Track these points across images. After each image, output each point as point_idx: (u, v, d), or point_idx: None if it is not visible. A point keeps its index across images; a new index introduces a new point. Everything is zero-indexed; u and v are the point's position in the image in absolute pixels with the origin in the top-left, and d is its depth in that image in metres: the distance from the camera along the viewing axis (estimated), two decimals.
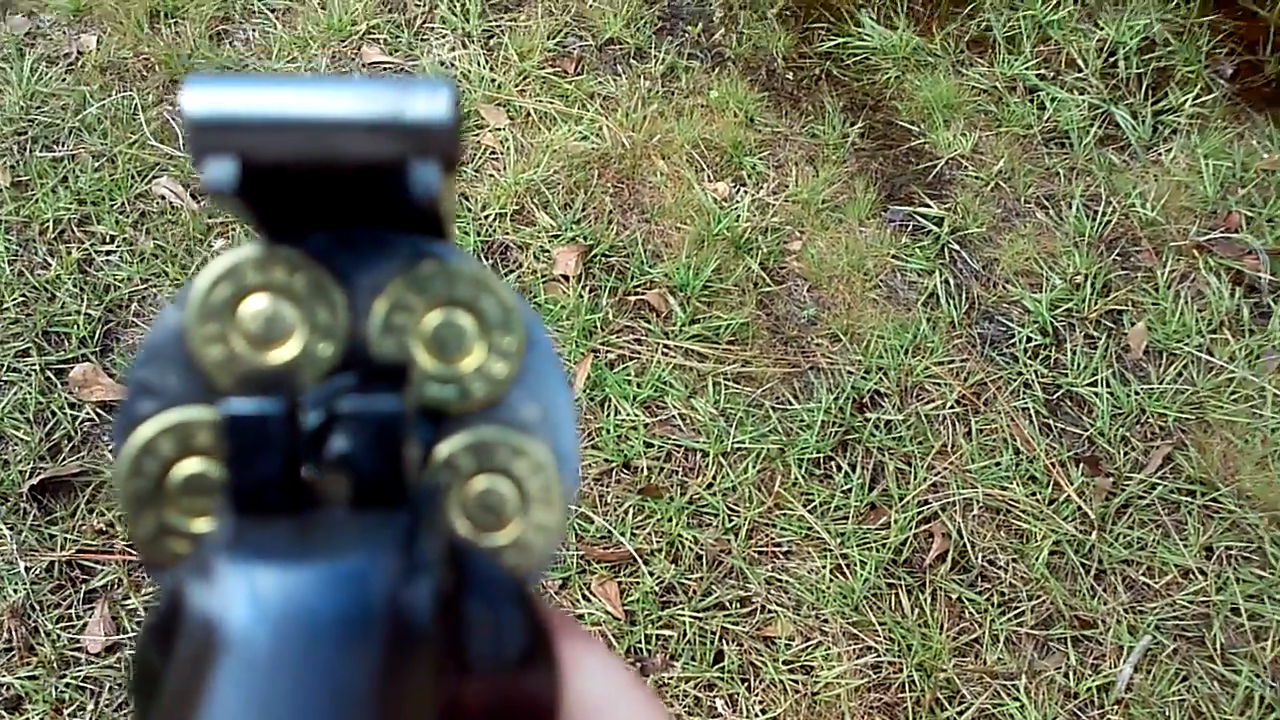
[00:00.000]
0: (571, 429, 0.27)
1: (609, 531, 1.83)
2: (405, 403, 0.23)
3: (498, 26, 2.49)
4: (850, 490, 1.90)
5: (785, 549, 1.85)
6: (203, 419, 0.25)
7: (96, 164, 2.21)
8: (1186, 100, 2.43)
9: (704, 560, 1.83)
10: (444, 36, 2.47)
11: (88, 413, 1.92)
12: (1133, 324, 2.11)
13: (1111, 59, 2.51)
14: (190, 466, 0.26)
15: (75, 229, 2.12)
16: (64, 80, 2.33)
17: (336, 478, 0.23)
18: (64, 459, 1.87)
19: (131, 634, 1.73)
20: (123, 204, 2.15)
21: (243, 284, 0.26)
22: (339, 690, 0.18)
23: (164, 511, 0.26)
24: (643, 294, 2.09)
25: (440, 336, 0.26)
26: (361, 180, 0.24)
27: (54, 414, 1.91)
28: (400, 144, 0.23)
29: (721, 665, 1.74)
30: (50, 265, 2.07)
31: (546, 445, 0.27)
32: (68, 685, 1.69)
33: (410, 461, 0.23)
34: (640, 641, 1.75)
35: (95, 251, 2.09)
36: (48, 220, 2.11)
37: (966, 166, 2.33)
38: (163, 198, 2.17)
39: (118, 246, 2.10)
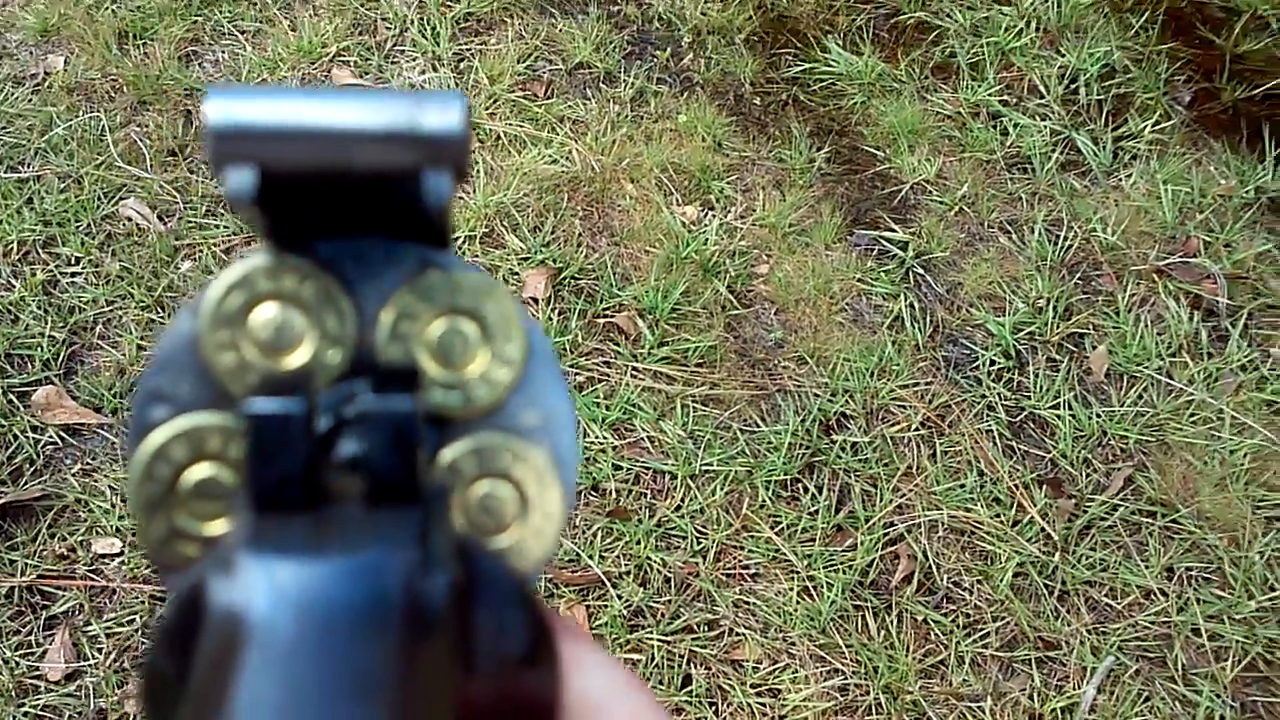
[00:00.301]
0: (571, 434, 0.28)
1: (577, 554, 1.83)
2: (418, 404, 0.24)
3: (468, 50, 2.50)
4: (817, 512, 1.91)
5: (753, 571, 1.86)
6: (215, 425, 0.26)
7: (62, 185, 2.19)
8: (1146, 126, 2.47)
9: (672, 583, 1.83)
10: (414, 59, 2.47)
11: (50, 436, 1.90)
12: (1094, 347, 2.13)
13: (1073, 85, 2.55)
14: (201, 471, 0.26)
15: (40, 250, 2.11)
16: (30, 100, 2.32)
17: (349, 478, 0.23)
18: (25, 483, 1.86)
19: (92, 661, 1.71)
20: (89, 225, 2.14)
21: (254, 292, 0.26)
22: (362, 673, 0.18)
23: (175, 515, 0.26)
24: (612, 317, 2.10)
25: (444, 344, 0.27)
26: (373, 189, 0.25)
27: (16, 437, 1.90)
28: (415, 154, 0.24)
29: (689, 689, 1.74)
30: (14, 287, 2.05)
31: (546, 451, 0.28)
32: (26, 714, 1.67)
33: (423, 460, 0.24)
34: None
35: (60, 273, 2.08)
36: (12, 241, 2.10)
37: (931, 191, 2.36)
38: (129, 219, 2.16)
39: (83, 268, 2.09)
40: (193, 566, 0.25)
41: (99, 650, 1.73)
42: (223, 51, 2.45)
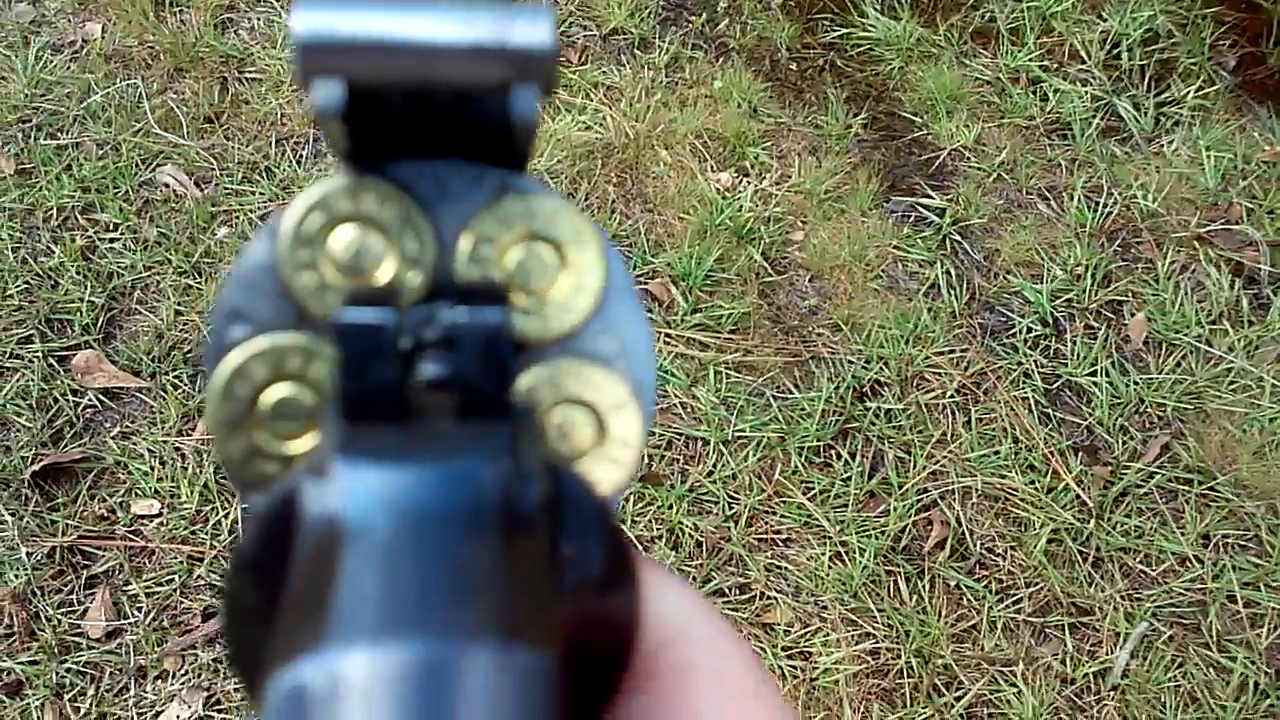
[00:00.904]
0: (650, 363, 0.28)
1: None
2: (507, 317, 0.24)
3: None
4: (850, 478, 1.91)
5: (785, 536, 1.86)
6: (294, 344, 0.26)
7: (100, 152, 2.22)
8: (1189, 92, 2.43)
9: (704, 547, 1.83)
10: None
11: (90, 399, 1.93)
12: (1133, 315, 2.11)
13: (1115, 51, 2.51)
14: (281, 390, 0.26)
15: (79, 216, 2.13)
16: (69, 68, 2.34)
17: (436, 395, 0.24)
18: (66, 445, 1.88)
19: (131, 619, 1.74)
20: (126, 192, 2.16)
21: (333, 213, 0.26)
22: (459, 569, 0.19)
23: (254, 434, 0.26)
24: (645, 284, 2.10)
25: (523, 269, 0.27)
26: (457, 107, 0.25)
27: (56, 400, 1.92)
28: (504, 69, 0.24)
29: None
30: (54, 252, 2.08)
31: (624, 377, 0.27)
32: (68, 670, 1.70)
33: (513, 373, 0.24)
34: None
35: (99, 239, 2.10)
36: (51, 208, 2.12)
37: (969, 158, 2.34)
38: (166, 186, 2.18)
39: (121, 234, 2.11)
40: (275, 483, 0.25)
41: (138, 609, 1.75)
42: (259, 18, 2.46)
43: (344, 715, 0.16)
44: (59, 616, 1.74)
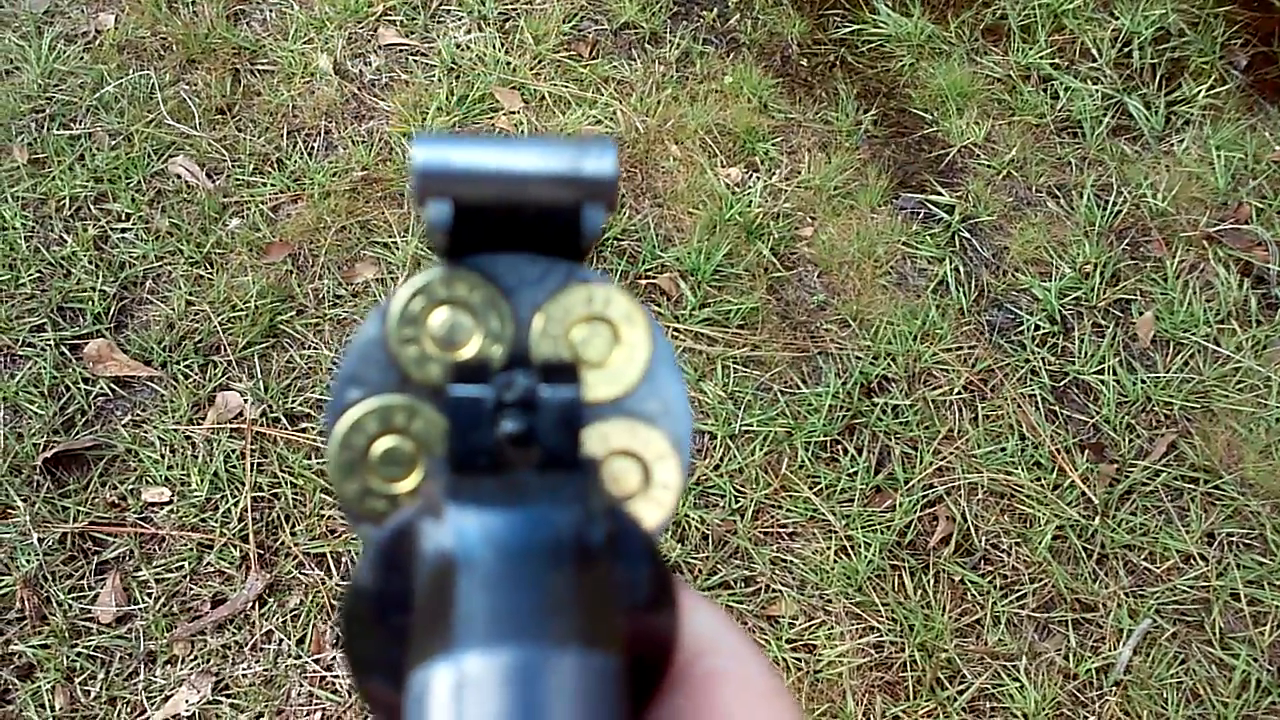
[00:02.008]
0: (687, 420, 0.34)
1: None
2: (580, 392, 0.30)
3: (514, 9, 2.50)
4: (856, 473, 1.91)
5: (790, 530, 1.87)
6: (399, 404, 0.32)
7: (113, 142, 2.23)
8: (1200, 91, 2.43)
9: (710, 540, 1.84)
10: (460, 19, 2.48)
11: (101, 388, 1.94)
12: (1141, 313, 2.11)
13: (1126, 49, 2.51)
14: (388, 442, 0.32)
15: (91, 206, 2.14)
16: (82, 59, 2.36)
17: (520, 450, 0.29)
18: (77, 433, 1.90)
19: (142, 605, 1.75)
20: (139, 182, 2.17)
21: (432, 298, 0.32)
22: (548, 591, 0.24)
23: (366, 477, 0.32)
24: (654, 278, 2.10)
25: (585, 344, 0.33)
26: (538, 217, 0.31)
27: (68, 388, 1.94)
28: (577, 192, 0.30)
29: None
30: (66, 242, 2.09)
31: (665, 433, 0.33)
32: (79, 654, 1.71)
33: (582, 437, 0.30)
34: None
35: (111, 229, 2.12)
36: (64, 197, 2.14)
37: (979, 155, 2.34)
38: (178, 176, 2.19)
39: (133, 224, 2.12)
40: (385, 518, 0.31)
41: (148, 595, 1.77)
42: (270, 10, 2.47)
43: (467, 701, 0.21)
44: (70, 601, 1.75)
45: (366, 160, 2.22)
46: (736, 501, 1.88)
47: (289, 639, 1.73)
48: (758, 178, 2.27)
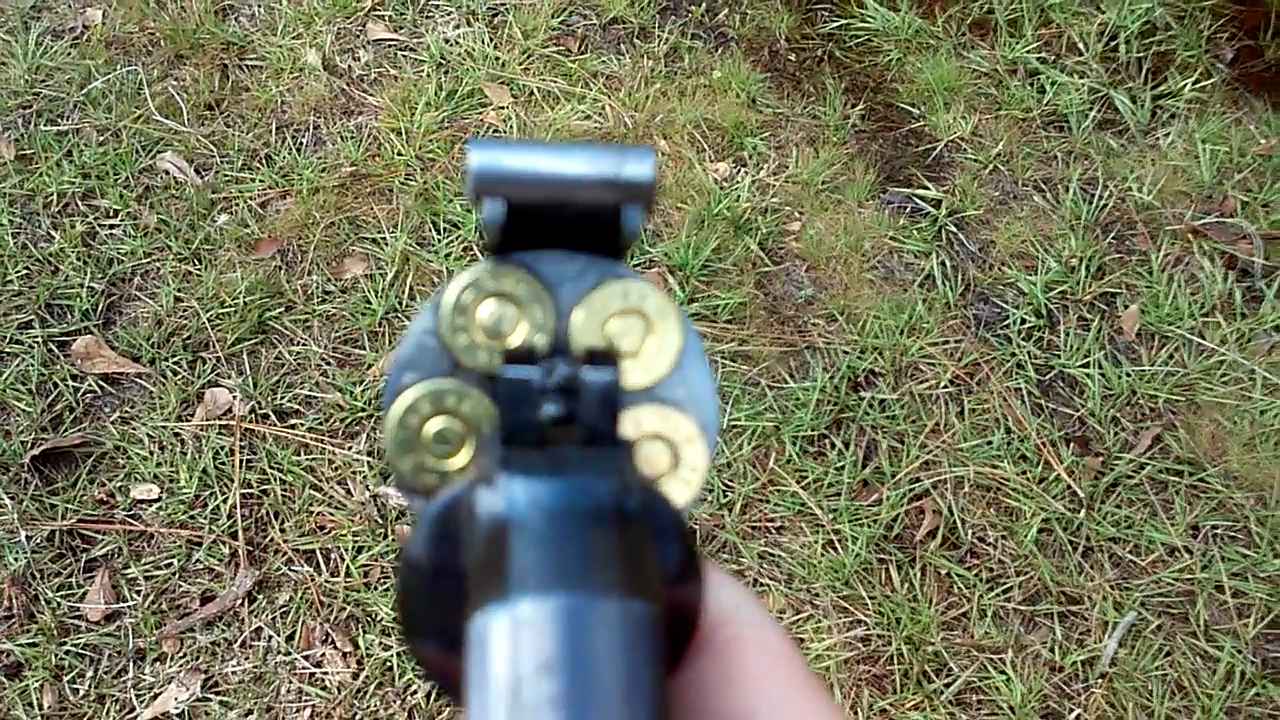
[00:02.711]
0: (713, 406, 0.36)
1: None
2: (618, 376, 0.33)
3: (502, 5, 2.50)
4: (844, 467, 1.92)
5: (778, 524, 1.88)
6: (450, 388, 0.35)
7: (101, 138, 2.23)
8: (1186, 85, 2.44)
9: (698, 535, 1.85)
10: (449, 14, 2.48)
11: (89, 384, 1.94)
12: (1126, 307, 2.12)
13: (1112, 43, 2.52)
14: (440, 422, 0.35)
15: (79, 203, 2.14)
16: (69, 54, 2.35)
17: (564, 428, 0.32)
18: (65, 430, 1.90)
19: (130, 602, 1.76)
20: (127, 178, 2.17)
21: (481, 291, 0.35)
22: (592, 549, 0.26)
23: (420, 455, 0.35)
24: (642, 273, 2.11)
25: (620, 335, 0.36)
26: (581, 217, 0.34)
27: (56, 385, 1.94)
28: (618, 194, 0.33)
29: None
30: (54, 238, 2.09)
31: (693, 418, 0.36)
32: (67, 652, 1.72)
33: (620, 418, 0.33)
34: None
35: (99, 225, 2.12)
36: (52, 194, 2.14)
37: (965, 149, 2.35)
38: (166, 173, 2.19)
39: (121, 220, 2.12)
40: (438, 490, 0.34)
41: (137, 592, 1.77)
42: (258, 5, 2.47)
43: (522, 640, 0.24)
44: (58, 599, 1.76)
45: (355, 156, 2.23)
46: (724, 496, 1.89)
47: (278, 636, 1.74)
48: (746, 172, 2.27)
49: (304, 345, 2.00)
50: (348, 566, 1.79)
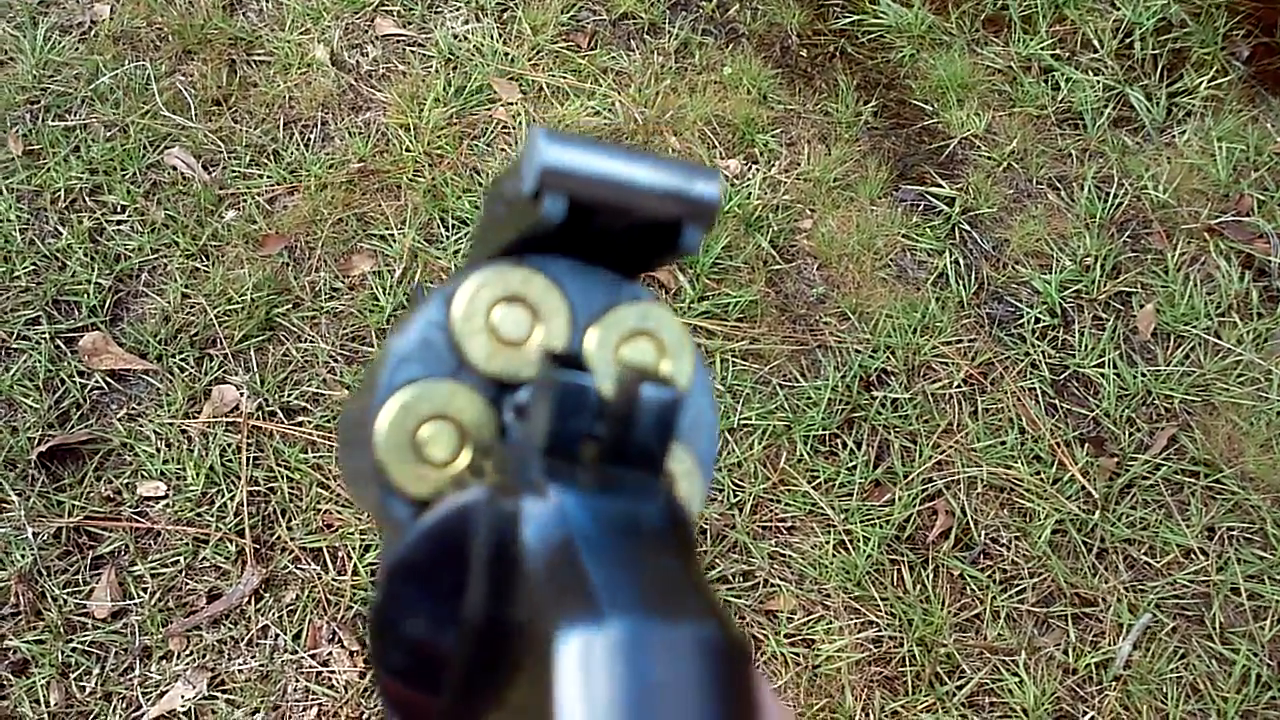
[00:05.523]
0: (713, 436, 0.36)
1: None
2: (680, 398, 0.31)
3: (512, 0, 2.49)
4: (855, 467, 1.91)
5: (789, 524, 1.86)
6: (454, 390, 0.34)
7: (108, 134, 2.22)
8: (1202, 82, 2.42)
9: (708, 535, 1.83)
10: (458, 9, 2.47)
11: (97, 381, 1.93)
12: (1141, 306, 2.10)
13: (1127, 40, 2.50)
14: (437, 426, 0.34)
15: (87, 198, 2.13)
16: (77, 49, 2.34)
17: (607, 444, 0.31)
18: (72, 426, 1.89)
19: (137, 600, 1.75)
20: (134, 174, 2.16)
21: (502, 292, 0.34)
22: (645, 553, 0.26)
23: (413, 457, 0.34)
24: (652, 271, 2.09)
25: (633, 357, 0.35)
26: (633, 227, 0.33)
27: (63, 381, 1.93)
28: (683, 209, 0.32)
29: None
30: (61, 234, 2.08)
31: (693, 452, 0.36)
32: (74, 649, 1.71)
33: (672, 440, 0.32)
34: None
35: (106, 221, 2.11)
36: (59, 189, 2.13)
37: (979, 146, 2.33)
38: (174, 168, 2.18)
39: (129, 216, 2.11)
40: (439, 497, 0.32)
41: (144, 590, 1.76)
42: (266, 1, 2.46)
43: (614, 660, 0.22)
44: (65, 596, 1.75)
45: (363, 152, 2.21)
46: (735, 495, 1.87)
47: (285, 634, 1.73)
48: (757, 169, 2.26)
49: (311, 342, 1.98)
50: (355, 565, 1.78)
